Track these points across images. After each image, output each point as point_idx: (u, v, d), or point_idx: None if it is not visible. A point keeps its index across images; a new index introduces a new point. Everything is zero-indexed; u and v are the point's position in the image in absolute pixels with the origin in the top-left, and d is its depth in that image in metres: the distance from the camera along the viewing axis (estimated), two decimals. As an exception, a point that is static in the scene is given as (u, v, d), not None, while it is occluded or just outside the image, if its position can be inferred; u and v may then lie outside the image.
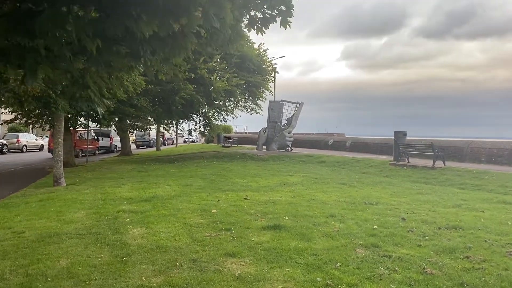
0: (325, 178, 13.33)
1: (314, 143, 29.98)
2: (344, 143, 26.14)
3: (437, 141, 21.29)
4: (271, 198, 9.50)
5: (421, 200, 9.31)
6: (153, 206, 8.54)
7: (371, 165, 16.15)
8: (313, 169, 16.47)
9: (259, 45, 25.48)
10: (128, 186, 11.95)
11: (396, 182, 12.46)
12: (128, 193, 10.43)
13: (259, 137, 25.22)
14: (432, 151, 14.27)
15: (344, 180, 12.96)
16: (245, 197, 9.62)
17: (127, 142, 27.58)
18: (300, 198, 9.58)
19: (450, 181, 11.98)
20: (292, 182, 12.45)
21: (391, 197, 9.80)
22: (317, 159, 19.18)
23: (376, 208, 8.22)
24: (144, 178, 13.90)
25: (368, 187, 11.39)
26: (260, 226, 6.65)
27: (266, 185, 11.97)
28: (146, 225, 6.88)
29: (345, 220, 7.09)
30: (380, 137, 39.86)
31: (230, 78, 21.44)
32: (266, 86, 25.63)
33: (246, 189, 11.15)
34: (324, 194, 10.22)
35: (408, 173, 13.85)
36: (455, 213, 7.70)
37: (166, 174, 15.05)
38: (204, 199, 9.44)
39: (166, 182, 12.78)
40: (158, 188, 11.36)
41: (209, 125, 23.03)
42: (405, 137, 16.49)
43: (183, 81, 19.25)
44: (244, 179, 13.40)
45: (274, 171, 15.83)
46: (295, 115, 24.34)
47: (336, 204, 8.75)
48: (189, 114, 21.36)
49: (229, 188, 11.29)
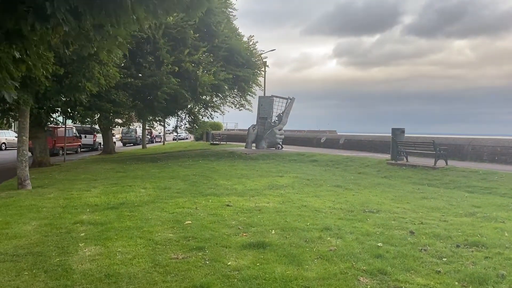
0: (318, 180, 12.18)
1: (306, 140, 28.87)
2: (337, 141, 25.06)
3: (435, 138, 20.27)
4: (257, 205, 8.32)
5: (427, 206, 8.19)
6: (119, 216, 7.31)
7: (367, 165, 15.04)
8: (304, 169, 15.32)
9: (248, 38, 24.23)
10: (98, 189, 10.70)
11: (396, 184, 11.34)
12: (96, 199, 9.17)
13: (248, 135, 24.01)
14: (434, 150, 13.19)
15: (338, 181, 11.82)
16: (228, 203, 8.43)
17: (109, 139, 26.19)
18: (290, 204, 8.41)
19: (455, 183, 10.89)
20: (282, 184, 11.28)
21: (393, 202, 8.67)
22: (309, 158, 18.04)
23: (378, 218, 7.08)
24: (120, 180, 12.64)
25: (366, 190, 10.25)
26: (240, 244, 5.47)
27: (253, 188, 10.78)
28: (103, 242, 5.65)
29: (343, 234, 5.93)
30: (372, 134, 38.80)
31: (217, 72, 20.17)
32: (256, 81, 24.37)
33: (230, 193, 9.96)
34: (317, 199, 9.06)
35: (408, 174, 12.75)
36: (471, 224, 6.57)
37: (145, 175, 13.80)
38: (181, 206, 8.23)
39: (142, 184, 11.55)
40: (131, 192, 10.12)
41: (195, 121, 21.71)
42: (403, 135, 15.41)
43: (166, 75, 17.95)
44: (229, 180, 12.21)
45: (263, 171, 14.65)
46: (285, 111, 23.16)
47: (331, 212, 7.59)
48: (173, 110, 20.02)
49: (211, 191, 10.09)
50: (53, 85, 11.46)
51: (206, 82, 19.23)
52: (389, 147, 20.40)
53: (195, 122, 21.69)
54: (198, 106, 20.60)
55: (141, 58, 17.91)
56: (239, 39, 23.26)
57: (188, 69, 18.99)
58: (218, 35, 21.08)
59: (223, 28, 21.09)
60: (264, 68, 26.10)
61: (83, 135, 31.37)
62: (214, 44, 20.91)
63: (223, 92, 22.38)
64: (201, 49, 19.77)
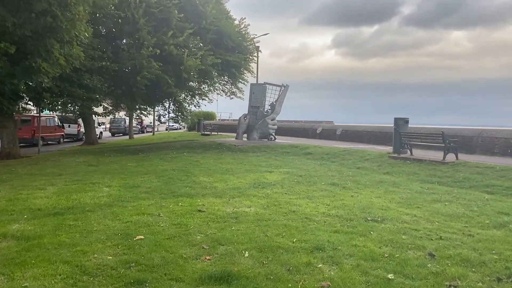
0: (311, 176, 10.67)
1: (301, 131, 27.33)
2: (334, 132, 23.52)
3: (440, 129, 18.78)
4: (236, 210, 6.81)
5: (443, 213, 6.70)
6: (57, 226, 5.78)
7: (367, 158, 13.53)
8: (297, 162, 13.81)
9: (239, 20, 22.50)
10: (56, 187, 9.16)
11: (401, 182, 9.84)
12: (44, 200, 7.65)
13: (239, 125, 22.42)
14: (443, 142, 11.67)
15: (335, 178, 10.32)
16: (200, 208, 6.91)
17: (91, 129, 24.52)
18: (276, 209, 6.90)
19: (470, 181, 9.40)
20: (270, 182, 9.77)
21: (400, 207, 7.18)
22: (303, 151, 16.51)
23: (384, 230, 5.59)
24: (87, 176, 11.11)
25: (366, 190, 8.76)
26: (198, 274, 3.96)
27: (236, 186, 9.27)
28: (11, 270, 4.12)
29: (340, 258, 4.42)
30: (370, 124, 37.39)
31: (204, 56, 18.52)
32: (248, 67, 22.70)
33: (207, 193, 8.45)
34: (309, 201, 7.56)
35: (414, 169, 11.25)
36: (505, 241, 5.09)
37: (117, 170, 12.27)
38: (141, 211, 6.71)
39: (110, 181, 10.03)
40: (91, 191, 8.59)
41: (180, 110, 20.05)
42: (407, 125, 13.87)
43: (146, 58, 16.29)
44: (211, 177, 10.69)
45: (251, 165, 13.13)
46: (279, 99, 21.55)
47: (325, 221, 6.08)
48: (156, 98, 18.34)
49: (186, 191, 8.58)
50: (4, 66, 9.81)
51: (191, 67, 17.59)
52: (390, 139, 18.88)
53: (180, 111, 20.05)
54: (184, 94, 18.93)
55: (118, 40, 16.23)
56: (229, 22, 21.54)
57: (172, 53, 17.32)
58: (206, 16, 19.36)
59: (211, 9, 19.37)
60: (257, 54, 24.42)
61: (67, 125, 29.74)
62: (201, 26, 19.21)
63: (211, 78, 20.72)
64: (187, 31, 18.08)
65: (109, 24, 15.37)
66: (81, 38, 11.53)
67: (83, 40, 11.79)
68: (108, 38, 16.33)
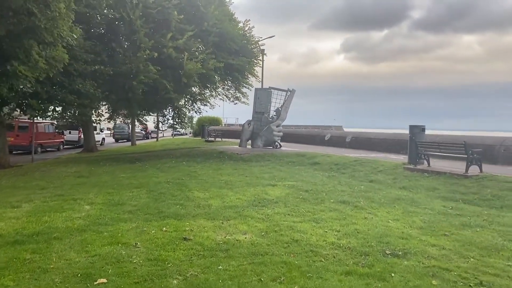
0: (318, 191, 9.57)
1: (309, 138, 26.20)
2: (343, 139, 22.36)
3: (456, 137, 17.57)
4: (228, 238, 5.76)
5: (476, 243, 5.57)
6: (9, 261, 4.78)
7: (380, 170, 12.38)
8: (304, 174, 12.70)
9: (243, 22, 21.49)
10: (31, 205, 8.20)
11: (420, 199, 8.70)
12: (11, 223, 6.67)
13: (242, 131, 21.36)
14: (466, 153, 10.50)
15: (345, 194, 9.21)
16: (187, 235, 5.87)
17: (90, 136, 23.62)
18: (276, 237, 5.83)
19: (502, 200, 8.22)
20: (272, 199, 8.70)
21: (423, 233, 6.07)
22: (310, 160, 15.39)
23: (408, 269, 4.49)
24: (72, 189, 10.15)
25: (382, 210, 7.64)
26: None
27: (233, 204, 8.21)
28: None
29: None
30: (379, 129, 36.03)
31: (205, 60, 17.54)
32: (252, 71, 21.68)
33: (199, 213, 7.40)
34: (316, 226, 6.47)
35: (433, 184, 10.09)
36: None
37: (108, 182, 11.29)
38: (117, 239, 5.69)
39: (94, 197, 9.06)
40: (69, 210, 7.61)
41: (180, 116, 19.04)
42: (423, 133, 12.71)
43: (143, 62, 15.34)
44: (207, 191, 9.66)
45: (253, 177, 12.07)
46: (285, 105, 20.45)
47: (334, 256, 4.99)
48: (153, 103, 17.37)
49: (175, 210, 7.54)
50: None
51: (192, 71, 16.61)
52: (403, 147, 17.72)
53: (179, 117, 19.05)
54: (184, 99, 17.92)
55: (113, 42, 15.30)
56: (233, 24, 20.56)
57: (171, 56, 16.36)
58: (208, 17, 18.40)
59: (213, 10, 18.40)
60: (262, 57, 23.43)
61: (67, 131, 28.96)
62: (203, 28, 18.25)
63: (213, 83, 19.71)
64: (187, 33, 17.12)
65: (103, 25, 14.47)
66: (67, 40, 10.61)
67: (69, 41, 10.87)
68: (102, 41, 15.42)
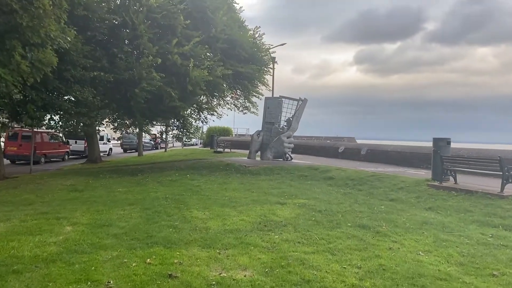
0: (333, 212, 8.44)
1: (321, 150, 25.03)
2: (358, 151, 21.15)
3: (479, 150, 16.27)
4: (223, 275, 4.69)
5: (538, 289, 4.39)
6: None
7: (401, 187, 11.18)
8: (317, 190, 11.57)
9: (253, 29, 20.61)
10: (7, 225, 7.26)
11: (452, 224, 7.50)
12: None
13: (251, 142, 20.32)
14: (501, 170, 9.25)
15: (364, 216, 8.05)
16: (173, 271, 4.82)
17: (95, 146, 22.81)
18: (282, 274, 4.74)
19: (551, 227, 7.00)
20: (280, 221, 7.60)
21: (465, 272, 4.91)
22: (323, 174, 14.24)
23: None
24: (60, 206, 9.22)
25: (409, 238, 6.48)
26: None
27: (235, 227, 7.14)
28: None
29: None
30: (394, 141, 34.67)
31: (213, 67, 16.63)
32: (262, 80, 20.70)
33: (194, 238, 6.35)
34: (331, 259, 5.35)
35: (464, 205, 8.86)
36: None
37: (101, 198, 10.34)
38: (88, 274, 4.66)
39: (81, 215, 8.09)
40: (45, 233, 6.62)
41: (185, 126, 18.08)
42: (449, 147, 11.50)
43: (146, 68, 14.47)
44: (207, 210, 8.61)
45: (260, 192, 11.00)
46: (296, 114, 19.37)
47: (357, 307, 3.87)
48: (157, 112, 16.44)
49: (167, 235, 6.50)
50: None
51: (198, 78, 15.69)
52: (423, 161, 16.49)
53: (185, 127, 18.09)
54: (190, 108, 16.99)
55: (115, 48, 14.48)
56: (244, 33, 19.65)
57: (176, 63, 15.48)
58: (216, 23, 17.55)
59: (221, 15, 17.54)
60: (273, 65, 22.45)
61: (73, 141, 28.30)
62: (210, 34, 17.39)
63: (221, 91, 18.76)
64: (194, 39, 16.26)
65: (104, 29, 13.68)
66: (59, 42, 9.77)
67: (61, 44, 10.02)
68: (103, 45, 14.61)
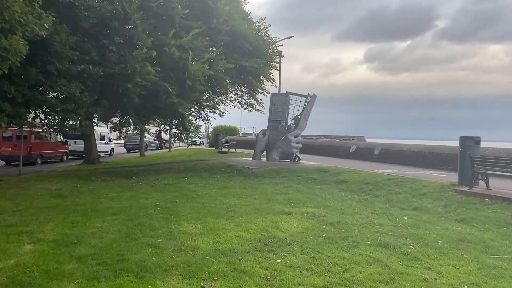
0: (348, 225, 7.11)
1: (331, 149, 23.65)
2: (371, 151, 19.74)
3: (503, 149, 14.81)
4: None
5: None
6: None
7: (424, 193, 9.80)
8: (327, 196, 10.24)
9: (258, 21, 19.29)
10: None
11: (494, 242, 6.12)
12: None
13: (256, 142, 19.03)
14: (547, 174, 7.84)
15: (385, 231, 6.71)
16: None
17: (92, 147, 21.67)
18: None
19: None
20: (284, 237, 6.30)
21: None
22: (334, 177, 12.89)
23: None
24: (33, 216, 8.05)
25: (445, 262, 5.14)
26: None
27: (229, 246, 5.85)
28: None
29: None
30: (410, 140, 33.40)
31: (214, 60, 15.37)
32: (268, 75, 19.39)
33: (176, 263, 5.08)
34: (350, 299, 4.04)
35: (503, 215, 7.48)
36: None
37: (84, 206, 9.14)
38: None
39: (51, 228, 6.95)
40: None
41: (183, 125, 16.84)
42: (479, 146, 10.10)
43: (140, 62, 13.24)
44: (199, 222, 7.35)
45: (264, 199, 9.71)
46: (304, 112, 18.02)
47: None
48: (153, 110, 15.15)
49: (143, 257, 5.25)
50: None
51: (197, 73, 14.44)
52: (443, 162, 15.08)
53: (183, 126, 16.83)
54: (190, 105, 15.74)
55: (106, 39, 13.28)
56: (249, 25, 18.34)
57: (174, 56, 14.24)
58: (217, 14, 16.27)
59: (223, 5, 16.25)
60: (280, 59, 21.13)
61: (73, 141, 27.26)
62: (212, 25, 16.12)
63: (223, 87, 17.48)
64: (194, 30, 14.99)
65: (93, 19, 12.49)
66: (32, 28, 8.58)
67: (36, 31, 8.80)
68: (92, 37, 13.40)
